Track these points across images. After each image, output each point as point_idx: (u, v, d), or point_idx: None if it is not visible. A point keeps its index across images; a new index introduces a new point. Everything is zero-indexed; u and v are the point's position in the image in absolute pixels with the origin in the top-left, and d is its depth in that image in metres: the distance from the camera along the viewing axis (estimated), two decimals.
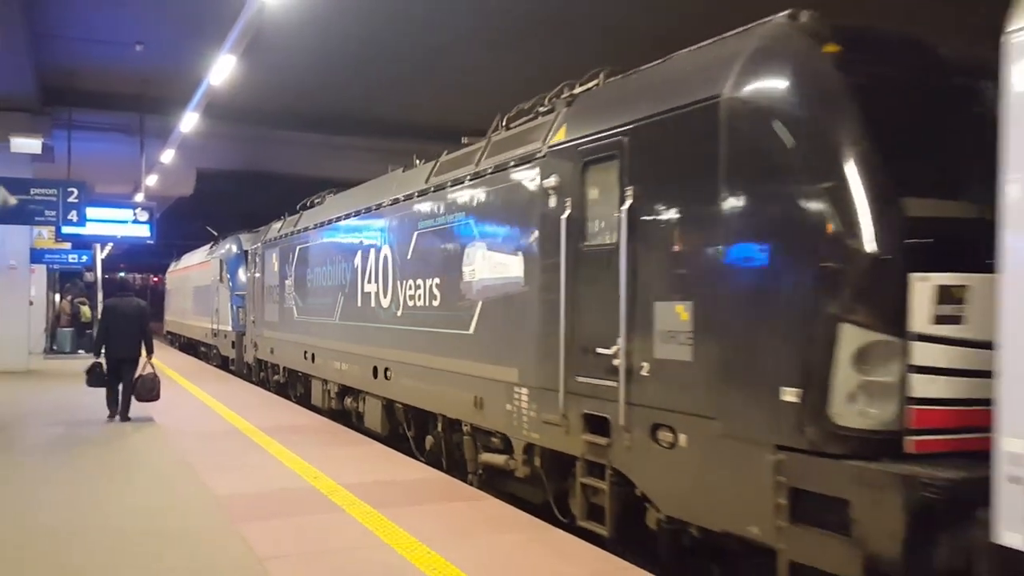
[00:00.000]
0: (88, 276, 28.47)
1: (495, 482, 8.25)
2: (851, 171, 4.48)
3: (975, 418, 4.15)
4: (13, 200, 11.52)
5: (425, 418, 9.75)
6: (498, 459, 7.78)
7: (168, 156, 21.12)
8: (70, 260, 24.88)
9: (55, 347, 26.53)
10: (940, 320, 4.23)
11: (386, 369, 10.63)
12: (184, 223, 36.40)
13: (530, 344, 7.11)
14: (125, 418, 11.83)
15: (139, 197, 22.69)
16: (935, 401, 4.26)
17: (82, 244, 24.16)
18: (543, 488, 7.26)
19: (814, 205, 4.59)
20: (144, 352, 11.96)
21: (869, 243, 4.36)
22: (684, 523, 5.47)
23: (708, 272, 5.18)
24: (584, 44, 15.49)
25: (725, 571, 5.62)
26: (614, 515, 6.09)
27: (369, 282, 11.46)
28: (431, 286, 9.31)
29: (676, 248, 5.51)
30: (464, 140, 9.57)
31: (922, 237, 4.33)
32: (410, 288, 9.96)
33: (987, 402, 3.81)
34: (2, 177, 11.62)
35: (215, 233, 27.86)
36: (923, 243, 4.30)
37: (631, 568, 5.47)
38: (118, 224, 17.19)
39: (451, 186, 8.94)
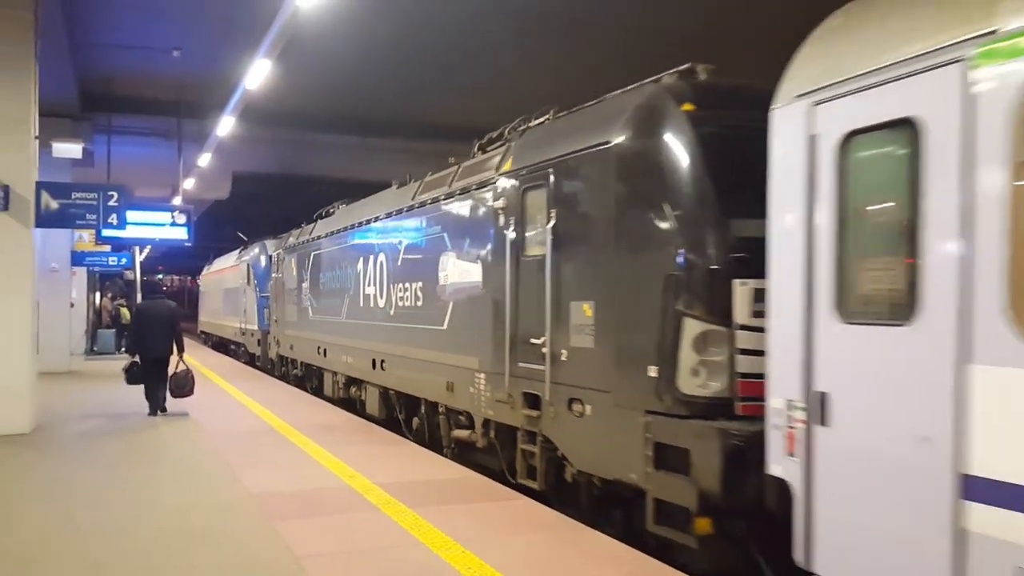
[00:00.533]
0: (128, 275, 29.03)
1: (464, 454, 9.70)
2: (693, 202, 6.01)
3: None
4: (55, 204, 11.70)
5: (412, 402, 11.39)
6: (464, 434, 9.34)
7: (205, 160, 21.42)
8: (110, 262, 25.26)
9: (95, 348, 26.98)
10: (755, 314, 5.49)
11: (382, 361, 12.24)
12: (220, 225, 36.90)
13: (486, 337, 8.60)
14: (163, 412, 12.58)
15: (176, 200, 23.04)
16: (754, 375, 5.45)
17: (121, 246, 24.55)
18: (498, 456, 8.63)
19: (666, 228, 6.07)
20: (176, 350, 12.57)
21: (705, 257, 5.85)
22: (590, 475, 6.93)
23: (602, 278, 6.69)
24: (613, 45, 15.49)
25: (624, 515, 6.84)
26: (544, 473, 7.61)
27: (369, 285, 13.14)
28: (416, 289, 10.96)
29: (583, 259, 7.00)
30: (451, 160, 10.71)
31: (742, 252, 5.63)
32: (400, 290, 11.65)
33: None
34: (44, 182, 11.80)
35: (245, 238, 29.54)
36: (742, 256, 5.61)
37: (665, 569, 5.47)
38: (156, 227, 17.43)
39: (430, 203, 10.57)
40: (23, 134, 11.00)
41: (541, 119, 8.45)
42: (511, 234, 8.02)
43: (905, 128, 4.25)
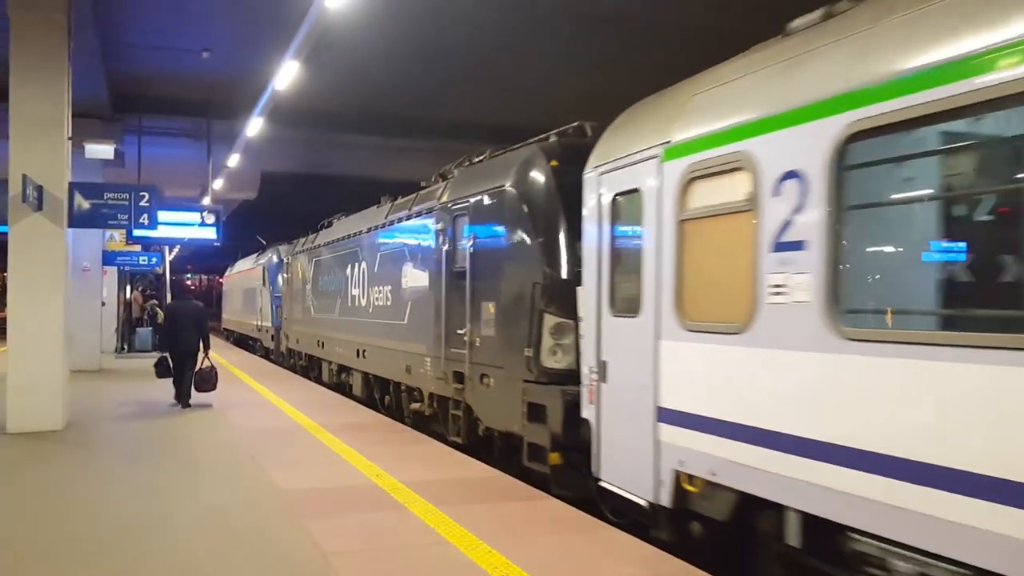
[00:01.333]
0: (157, 270, 29.57)
1: (418, 423, 11.96)
2: (552, 232, 8.45)
3: None
4: (87, 204, 11.85)
5: (384, 383, 14.02)
6: (417, 406, 11.95)
7: (234, 160, 21.63)
8: (140, 262, 25.58)
9: (125, 347, 27.28)
10: None
11: (364, 350, 15.01)
12: (249, 225, 37.21)
13: (430, 329, 11.18)
14: (187, 405, 13.33)
15: (206, 200, 23.27)
16: None
17: (152, 246, 24.86)
18: (439, 422, 11.14)
19: (535, 250, 8.53)
20: (202, 348, 13.40)
21: (558, 271, 8.28)
22: (492, 430, 9.45)
23: (499, 285, 9.20)
24: (641, 43, 15.42)
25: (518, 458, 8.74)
26: (466, 431, 10.15)
27: (355, 288, 15.87)
28: (386, 291, 13.62)
29: (489, 271, 9.48)
30: (422, 184, 12.91)
31: (581, 266, 7.55)
32: (376, 292, 14.30)
33: None
34: (77, 182, 11.96)
35: (264, 242, 32.54)
36: (581, 270, 7.53)
37: (692, 570, 5.44)
38: (186, 227, 17.61)
39: (396, 222, 13.28)
40: (56, 135, 11.17)
41: (478, 159, 10.85)
42: (446, 250, 10.67)
43: (636, 194, 6.64)
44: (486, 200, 9.57)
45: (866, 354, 4.41)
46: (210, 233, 17.55)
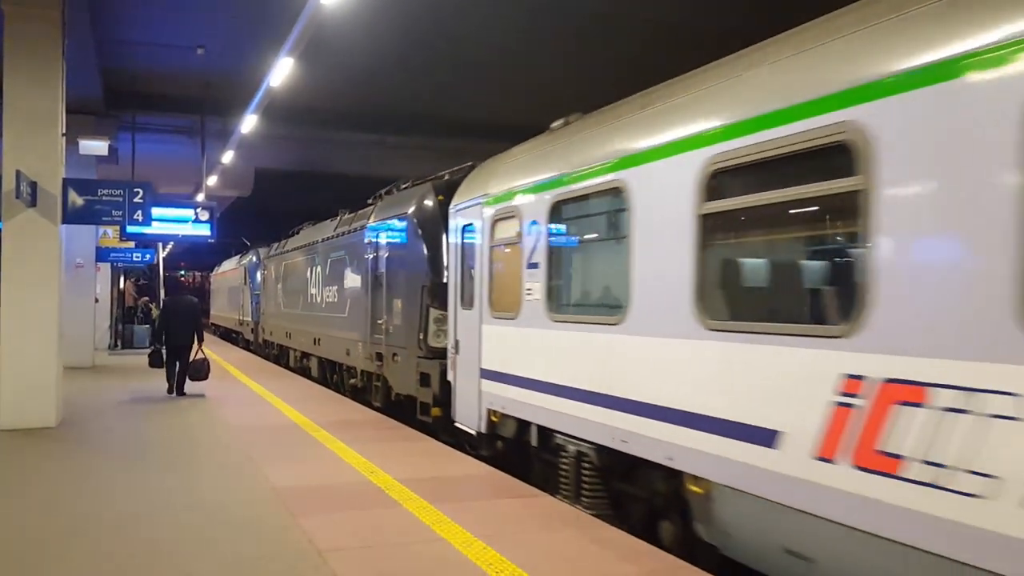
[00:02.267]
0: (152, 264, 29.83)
1: (355, 395, 15.41)
2: (436, 248, 11.75)
3: None
4: (80, 201, 11.81)
5: (332, 365, 17.84)
6: (353, 381, 15.69)
7: (228, 157, 21.60)
8: (134, 258, 25.52)
9: (119, 343, 27.21)
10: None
11: (319, 339, 18.69)
12: (243, 222, 37.14)
13: (361, 320, 14.78)
14: (181, 393, 14.56)
15: (200, 197, 23.21)
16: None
17: (146, 243, 24.79)
18: (368, 392, 14.50)
19: (424, 261, 11.86)
20: (196, 341, 14.56)
21: (438, 276, 11.56)
22: (401, 395, 12.69)
23: (402, 286, 12.61)
24: (645, 42, 15.43)
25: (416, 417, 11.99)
26: (383, 397, 13.49)
27: (313, 287, 19.60)
28: (334, 290, 17.39)
29: (399, 276, 12.86)
30: (369, 201, 16.02)
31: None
32: (327, 291, 18.03)
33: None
34: (71, 178, 11.93)
35: (248, 244, 35.69)
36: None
37: (685, 566, 5.47)
38: (180, 223, 17.57)
39: (342, 235, 17.02)
40: (51, 131, 11.14)
41: (403, 186, 14.19)
42: (371, 259, 14.29)
43: (471, 226, 9.69)
44: (396, 223, 13.06)
45: (560, 330, 7.60)
46: (204, 230, 17.51)
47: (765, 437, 5.03)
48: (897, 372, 4.19)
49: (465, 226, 9.87)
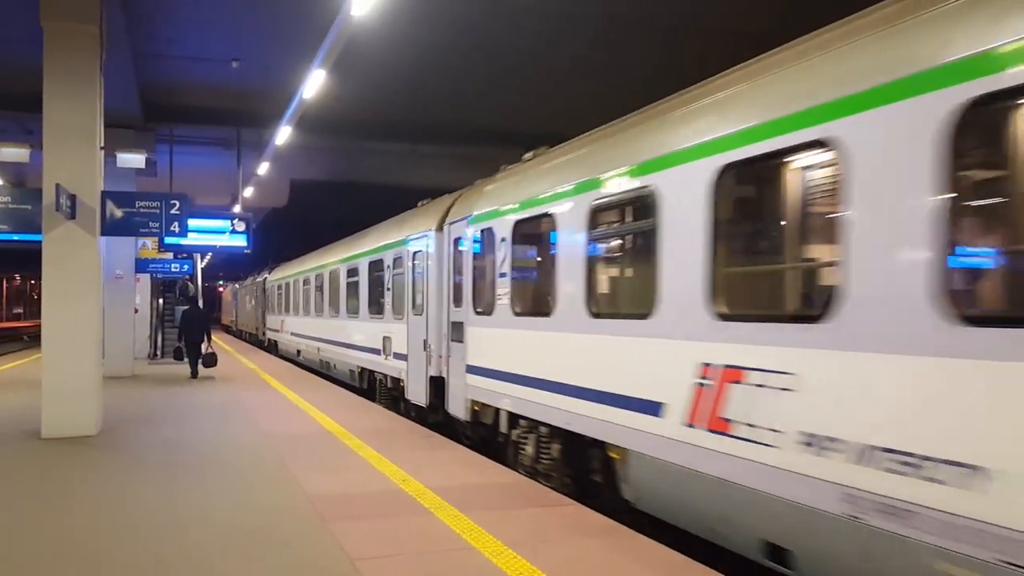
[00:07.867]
0: (190, 287, 29.93)
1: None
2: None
3: None
4: (119, 213, 12.02)
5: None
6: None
7: (263, 168, 21.87)
8: (172, 269, 25.90)
9: (159, 353, 27.59)
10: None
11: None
12: (278, 232, 37.56)
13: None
14: (194, 376, 20.16)
15: (236, 208, 23.52)
16: None
17: (183, 254, 25.16)
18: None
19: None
20: (205, 339, 20.31)
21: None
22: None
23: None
24: (674, 46, 15.33)
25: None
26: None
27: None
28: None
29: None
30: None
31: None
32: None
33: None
34: (109, 191, 12.15)
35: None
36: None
37: (714, 574, 5.42)
38: (217, 234, 17.83)
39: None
40: (89, 145, 11.35)
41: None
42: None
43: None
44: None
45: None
46: (240, 241, 17.75)
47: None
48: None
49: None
